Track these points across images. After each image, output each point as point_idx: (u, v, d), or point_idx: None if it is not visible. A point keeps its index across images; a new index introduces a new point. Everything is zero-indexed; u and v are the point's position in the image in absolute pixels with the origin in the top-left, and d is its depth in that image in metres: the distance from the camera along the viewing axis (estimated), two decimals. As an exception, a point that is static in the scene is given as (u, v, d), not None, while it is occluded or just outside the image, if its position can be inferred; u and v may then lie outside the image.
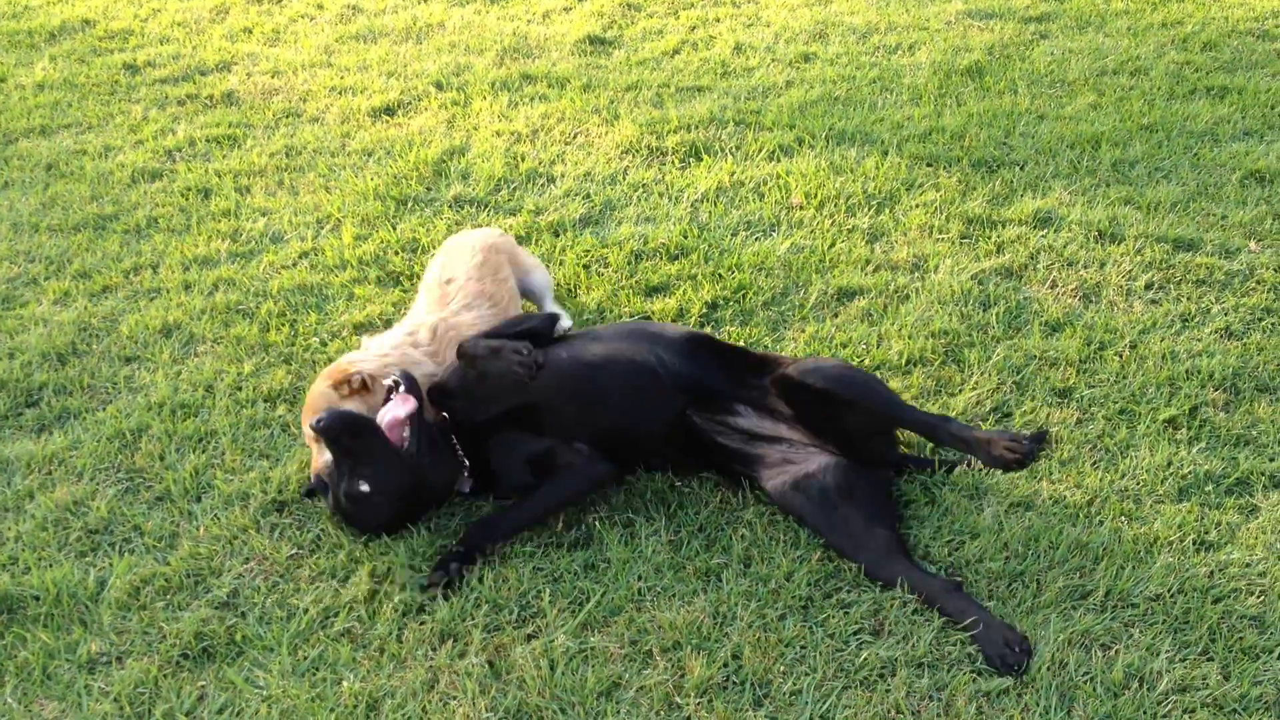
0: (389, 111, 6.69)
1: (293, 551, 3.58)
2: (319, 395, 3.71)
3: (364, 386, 3.72)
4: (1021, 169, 5.72)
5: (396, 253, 5.15)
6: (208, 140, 6.38)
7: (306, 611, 3.36)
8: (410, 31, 7.95)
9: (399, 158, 6.06)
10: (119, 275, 5.10)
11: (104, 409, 4.23)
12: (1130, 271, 4.85)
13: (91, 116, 6.77)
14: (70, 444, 4.05)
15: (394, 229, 5.34)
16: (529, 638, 3.27)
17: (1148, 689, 3.06)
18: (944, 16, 7.81)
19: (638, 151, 6.04)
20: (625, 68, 7.18)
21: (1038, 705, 3.02)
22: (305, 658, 3.22)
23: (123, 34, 8.12)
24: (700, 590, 3.40)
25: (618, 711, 3.04)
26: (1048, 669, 3.10)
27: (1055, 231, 5.15)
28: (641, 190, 5.66)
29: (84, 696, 3.15)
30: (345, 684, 3.12)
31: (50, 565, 3.56)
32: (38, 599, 3.43)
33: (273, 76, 7.25)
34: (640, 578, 3.43)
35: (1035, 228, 5.20)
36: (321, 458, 3.65)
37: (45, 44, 8.02)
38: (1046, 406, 4.09)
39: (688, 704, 3.05)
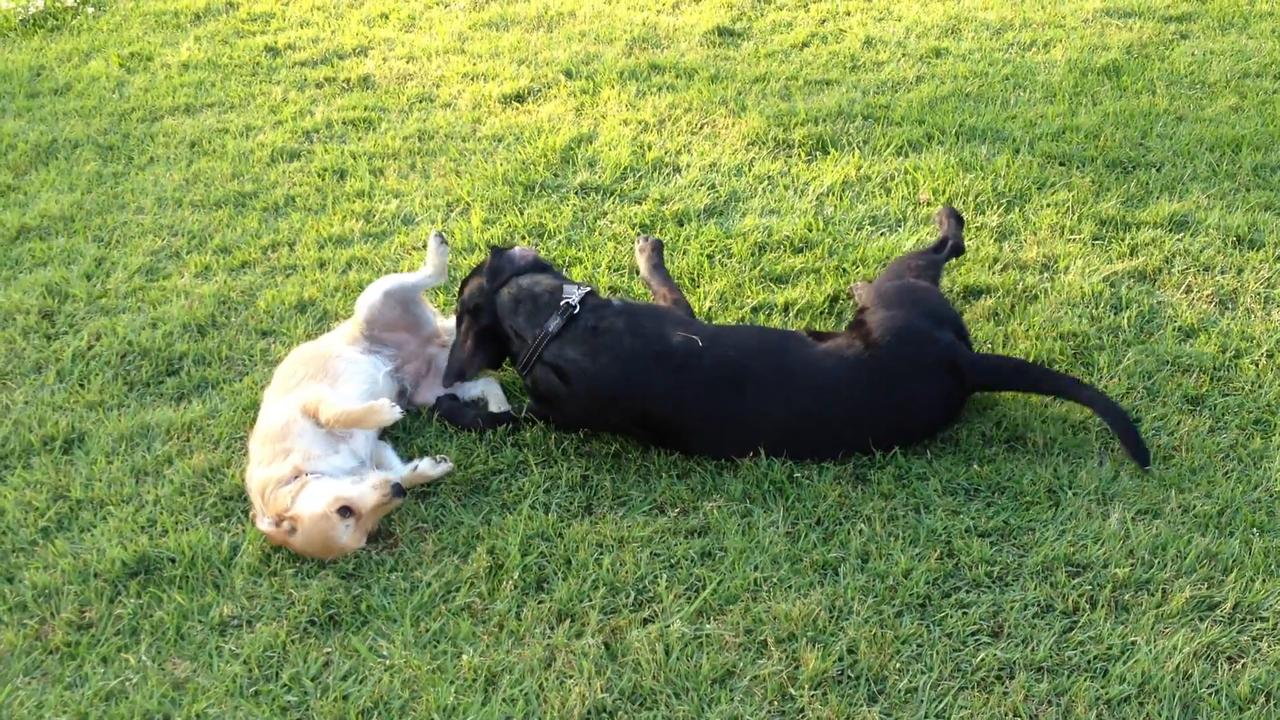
0: (519, 98, 6.78)
1: (416, 526, 3.67)
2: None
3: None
4: (1158, 171, 5.59)
5: (523, 237, 5.22)
6: (344, 122, 6.53)
7: (429, 585, 3.44)
8: (542, 20, 8.03)
9: (528, 144, 6.13)
10: (257, 251, 5.25)
11: (240, 380, 4.38)
12: (1269, 279, 4.72)
13: (233, 96, 6.98)
14: (208, 413, 4.20)
15: (521, 214, 5.42)
16: (645, 622, 3.30)
17: (1275, 704, 2.99)
18: (1081, 14, 7.65)
19: (764, 143, 6.04)
20: (753, 59, 7.17)
21: (1160, 716, 2.96)
22: (427, 630, 3.30)
23: (264, 17, 8.34)
24: (817, 583, 3.40)
25: (731, 699, 3.06)
26: (1171, 680, 3.05)
27: (1192, 235, 5.03)
28: (767, 182, 5.66)
29: (215, 657, 3.26)
30: (465, 657, 3.19)
31: (186, 529, 3.69)
32: (174, 561, 3.56)
33: (407, 62, 7.39)
34: (757, 568, 3.45)
35: (1171, 231, 5.08)
36: None
37: (190, 25, 8.28)
38: (1178, 413, 4.01)
39: (801, 696, 3.06)
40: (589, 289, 4.05)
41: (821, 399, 3.82)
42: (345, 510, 3.48)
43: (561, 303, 3.97)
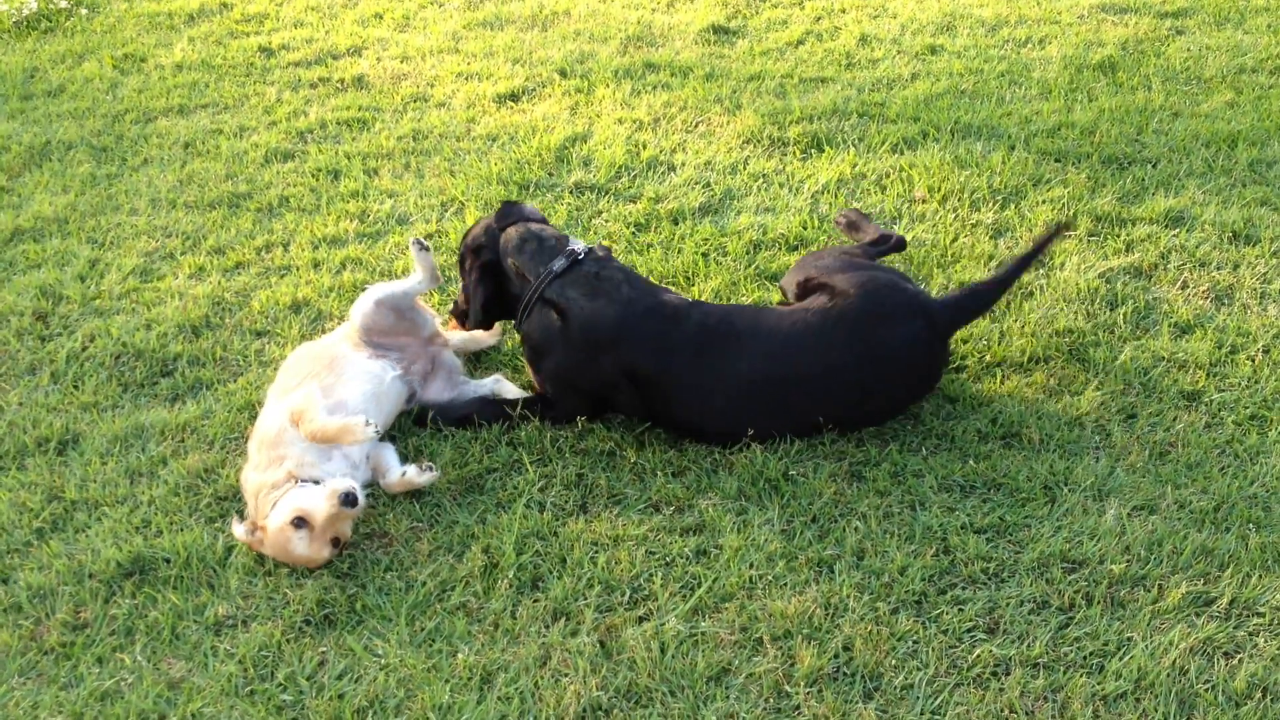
0: (513, 98, 6.77)
1: (411, 525, 3.66)
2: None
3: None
4: (1154, 167, 5.59)
5: (518, 236, 5.21)
6: (338, 123, 6.53)
7: (424, 584, 3.43)
8: (536, 19, 8.03)
9: (522, 143, 6.13)
10: (251, 252, 5.25)
11: (235, 380, 4.37)
12: (1265, 274, 4.71)
13: (227, 97, 6.97)
14: (202, 413, 4.19)
15: (516, 213, 5.41)
16: (640, 620, 3.30)
17: (1271, 700, 2.98)
18: (1076, 10, 7.65)
19: (759, 141, 6.03)
20: (748, 57, 7.17)
21: (1156, 711, 2.96)
22: (422, 629, 3.30)
23: (258, 17, 8.34)
24: (812, 581, 3.39)
25: (727, 696, 3.06)
26: (1167, 675, 3.04)
27: (1187, 231, 5.03)
28: (762, 180, 5.65)
29: (210, 657, 3.26)
30: (460, 656, 3.19)
31: (181, 530, 3.68)
32: (168, 561, 3.55)
33: (401, 62, 7.38)
34: (752, 565, 3.44)
35: (1167, 227, 5.08)
36: None
37: (184, 25, 8.28)
38: (1174, 409, 4.01)
39: (797, 693, 3.05)
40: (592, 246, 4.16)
41: (803, 353, 3.84)
42: (299, 521, 3.45)
43: (568, 249, 4.07)
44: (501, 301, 4.22)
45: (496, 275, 4.18)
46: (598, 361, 3.93)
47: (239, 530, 3.50)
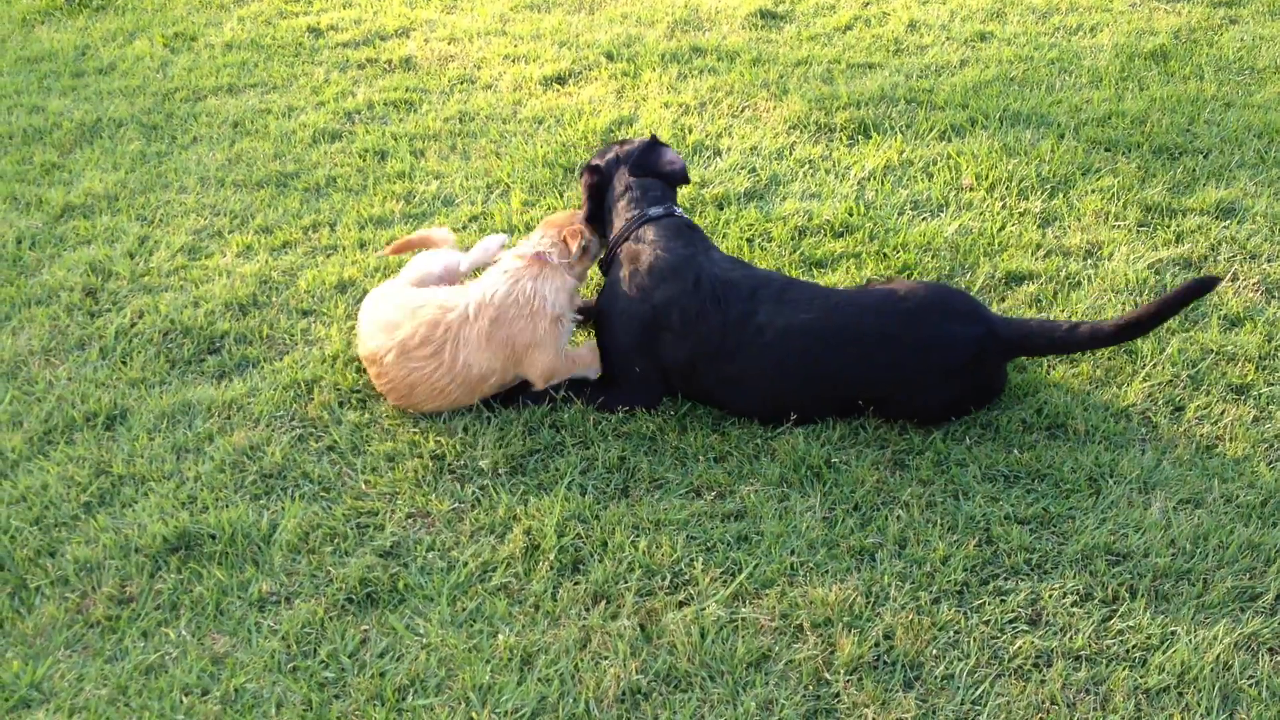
0: (560, 80, 6.77)
1: (454, 505, 3.68)
2: None
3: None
4: (1205, 157, 5.52)
5: (563, 220, 5.22)
6: (385, 104, 6.55)
7: (465, 565, 3.45)
8: (583, 2, 8.02)
9: (568, 126, 6.13)
10: (298, 231, 5.28)
11: (281, 359, 4.40)
12: (1318, 267, 4.65)
13: (276, 77, 7.01)
14: (249, 391, 4.23)
15: (561, 196, 5.42)
16: (680, 604, 3.30)
17: (1318, 699, 2.96)
18: (1129, -3, 7.56)
19: (805, 127, 6.00)
20: (795, 43, 7.13)
21: (1199, 705, 2.94)
22: (463, 609, 3.31)
23: (307, -2, 8.38)
24: (853, 569, 3.39)
25: (766, 683, 3.06)
26: (1211, 670, 3.02)
27: (1239, 223, 4.96)
28: (808, 166, 5.63)
29: (254, 633, 3.29)
30: (501, 637, 3.20)
31: (226, 506, 3.72)
32: (214, 537, 3.59)
33: (449, 43, 7.39)
34: (793, 552, 3.44)
35: (1218, 218, 5.02)
36: None
37: (234, 5, 8.32)
38: (1222, 402, 3.96)
39: (837, 680, 3.05)
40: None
41: (859, 310, 3.83)
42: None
43: (665, 204, 4.27)
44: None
45: (601, 198, 4.46)
46: (664, 300, 3.96)
47: None
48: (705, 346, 3.88)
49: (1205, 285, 3.59)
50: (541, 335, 3.99)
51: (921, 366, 3.80)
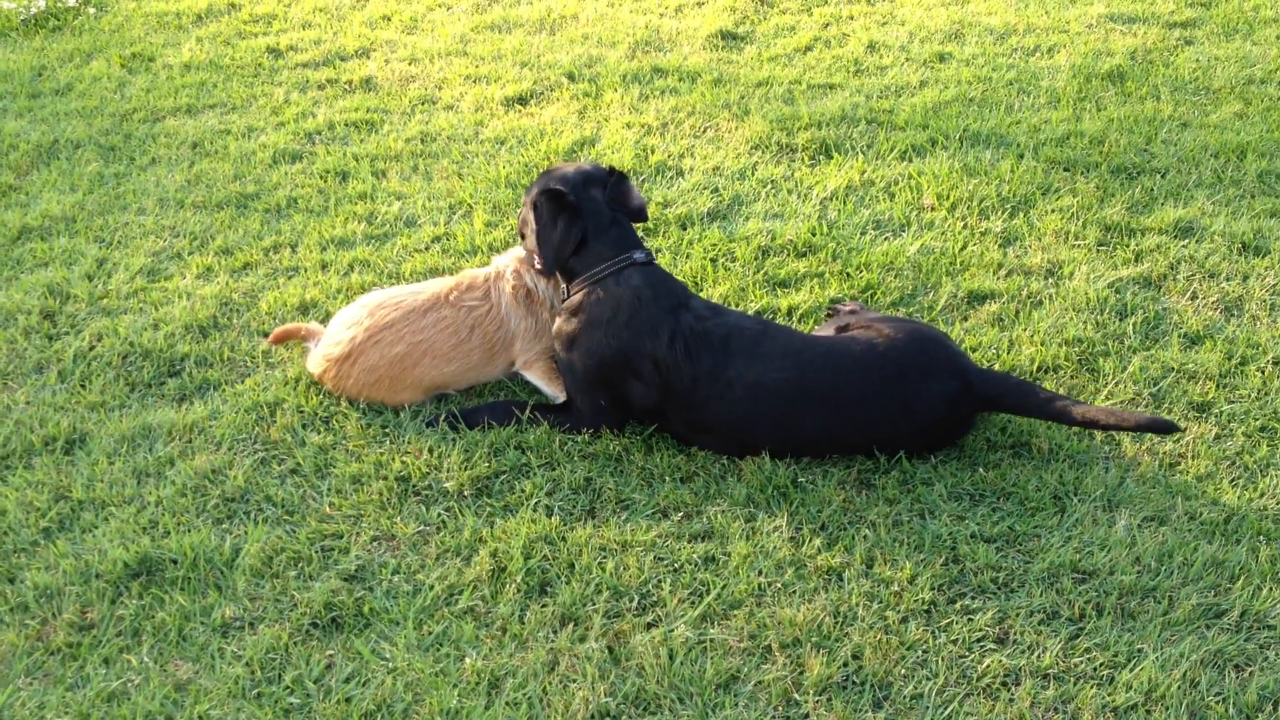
0: (521, 101, 6.77)
1: (419, 528, 3.65)
2: None
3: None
4: (1163, 177, 5.59)
5: (526, 240, 5.21)
6: (346, 124, 6.52)
7: (432, 588, 3.42)
8: (544, 23, 8.03)
9: (530, 146, 6.12)
10: (259, 253, 5.24)
11: (242, 382, 4.36)
12: (1274, 285, 4.71)
13: (235, 98, 6.96)
14: (210, 414, 4.18)
15: (524, 217, 5.41)
16: (649, 626, 3.29)
17: (1283, 714, 2.98)
18: (1085, 19, 7.65)
19: (767, 147, 6.03)
20: (756, 63, 7.17)
21: (1167, 724, 2.96)
22: (430, 633, 3.28)
23: (266, 18, 8.34)
24: (821, 589, 3.38)
25: (735, 704, 3.05)
26: (1178, 687, 3.03)
27: (1197, 242, 5.02)
28: (770, 186, 5.65)
29: (217, 659, 3.24)
30: (468, 661, 3.18)
31: (188, 530, 3.67)
32: (176, 562, 3.54)
33: (410, 64, 7.38)
34: (761, 573, 3.43)
35: (1176, 237, 5.08)
36: None
37: (192, 26, 8.27)
38: (1184, 420, 4.00)
39: (806, 701, 3.04)
40: None
41: (834, 370, 3.80)
42: None
43: (644, 249, 4.12)
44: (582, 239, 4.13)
45: (579, 222, 4.09)
46: (638, 333, 3.92)
47: None
48: (674, 396, 3.89)
49: (1168, 428, 3.65)
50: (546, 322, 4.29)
51: (898, 424, 3.82)
